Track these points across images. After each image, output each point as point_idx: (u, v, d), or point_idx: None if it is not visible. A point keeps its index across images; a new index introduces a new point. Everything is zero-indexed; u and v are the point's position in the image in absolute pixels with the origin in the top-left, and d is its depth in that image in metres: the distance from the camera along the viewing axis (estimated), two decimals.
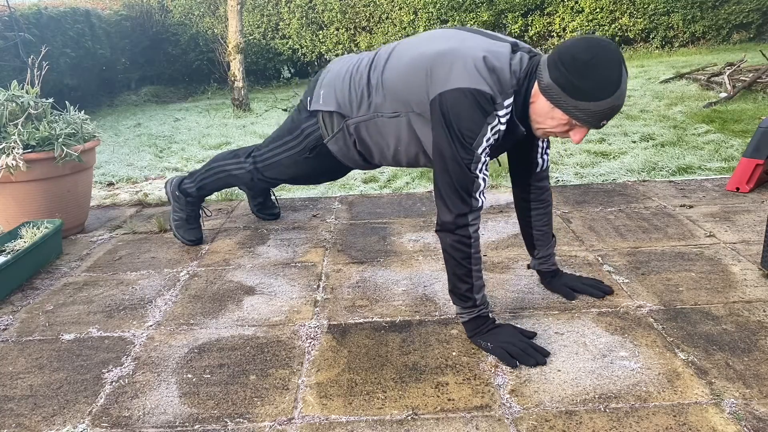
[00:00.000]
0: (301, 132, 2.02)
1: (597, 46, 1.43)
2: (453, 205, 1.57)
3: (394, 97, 1.72)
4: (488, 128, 1.53)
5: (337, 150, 1.97)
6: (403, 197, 3.05)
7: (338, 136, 1.92)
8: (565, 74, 1.44)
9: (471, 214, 1.58)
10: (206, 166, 2.39)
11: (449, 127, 1.53)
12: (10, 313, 1.99)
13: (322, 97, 1.92)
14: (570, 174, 3.40)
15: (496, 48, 1.57)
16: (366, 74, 1.80)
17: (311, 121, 1.98)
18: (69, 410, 1.47)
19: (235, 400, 1.48)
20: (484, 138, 1.53)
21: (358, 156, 1.96)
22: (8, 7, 5.72)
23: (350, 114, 1.85)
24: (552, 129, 1.56)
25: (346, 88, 1.85)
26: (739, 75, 5.63)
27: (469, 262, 1.60)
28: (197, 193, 2.42)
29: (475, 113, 1.51)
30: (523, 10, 8.79)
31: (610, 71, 1.42)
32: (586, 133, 1.54)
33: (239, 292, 2.06)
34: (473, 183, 1.55)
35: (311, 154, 2.03)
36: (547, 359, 1.57)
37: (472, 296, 1.63)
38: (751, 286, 1.92)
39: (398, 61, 1.72)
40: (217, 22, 8.90)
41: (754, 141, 2.77)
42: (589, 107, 1.44)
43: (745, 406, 1.37)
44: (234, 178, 2.31)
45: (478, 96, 1.51)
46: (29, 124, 2.53)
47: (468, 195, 1.56)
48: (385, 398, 1.46)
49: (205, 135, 5.26)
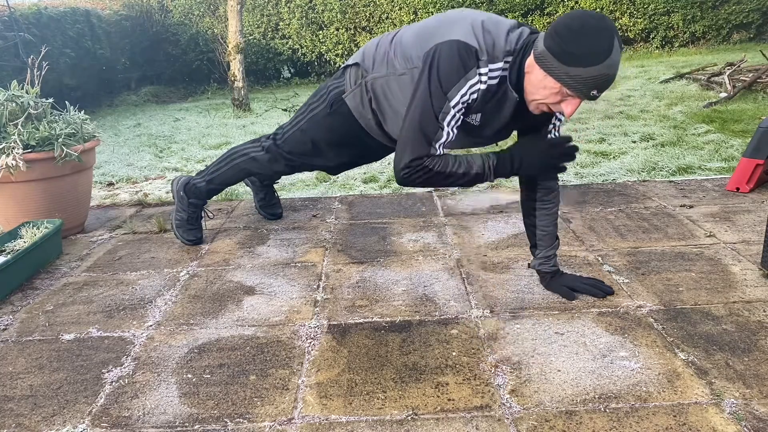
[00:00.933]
0: (326, 89, 2.09)
1: (590, 15, 1.49)
2: (412, 149, 1.63)
3: (403, 54, 1.80)
4: (466, 83, 1.59)
5: (354, 106, 2.01)
6: (403, 197, 3.05)
7: (356, 91, 1.97)
8: (557, 40, 1.48)
9: (427, 159, 1.64)
10: (224, 154, 2.41)
11: (430, 73, 1.61)
12: (10, 313, 1.99)
13: (353, 56, 2.02)
14: (570, 174, 3.40)
15: (500, 19, 1.68)
16: (390, 37, 1.91)
17: (339, 79, 2.06)
18: (69, 410, 1.47)
19: (235, 400, 1.48)
20: (459, 92, 1.59)
21: (371, 115, 1.99)
22: (8, 7, 5.72)
23: (370, 70, 1.92)
24: (544, 99, 1.59)
25: (374, 48, 1.95)
26: (739, 75, 5.63)
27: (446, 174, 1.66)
28: (206, 188, 2.42)
29: (455, 65, 1.58)
30: (523, 10, 8.79)
31: (600, 38, 1.46)
32: (578, 105, 1.56)
33: (239, 292, 2.06)
34: (437, 132, 1.61)
35: (331, 110, 2.06)
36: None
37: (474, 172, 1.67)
38: (751, 286, 1.92)
39: (416, 26, 1.84)
40: (217, 22, 8.90)
41: (754, 141, 2.77)
42: (579, 73, 1.47)
43: (745, 406, 1.37)
44: (250, 161, 2.32)
45: (462, 48, 1.58)
46: (29, 124, 2.53)
47: (428, 142, 1.62)
48: (385, 398, 1.46)
49: (205, 135, 5.26)
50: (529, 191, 1.90)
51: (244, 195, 3.20)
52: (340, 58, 9.02)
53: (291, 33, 9.10)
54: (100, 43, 7.46)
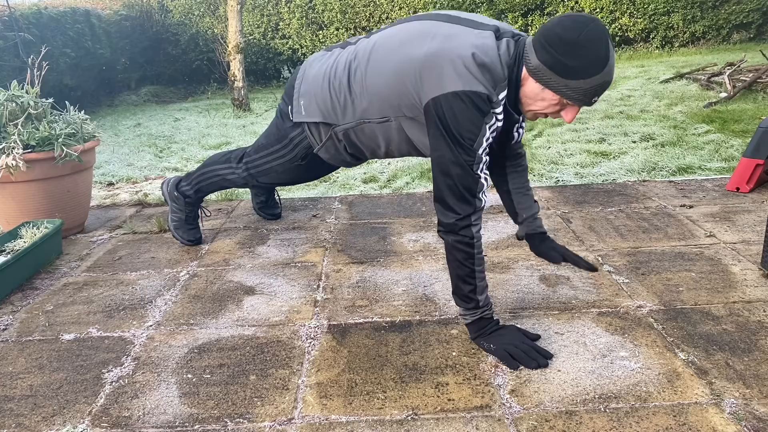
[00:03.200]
0: (290, 141, 2.02)
1: (582, 23, 1.42)
2: (457, 207, 1.56)
3: (381, 102, 1.71)
4: (487, 128, 1.53)
5: (329, 157, 1.99)
6: (403, 197, 3.05)
7: (328, 144, 1.93)
8: (553, 54, 1.43)
9: (474, 215, 1.58)
10: (200, 170, 2.38)
11: (447, 132, 1.52)
12: (10, 313, 1.99)
13: (304, 108, 1.91)
14: (570, 174, 3.40)
15: (482, 41, 1.54)
16: (346, 80, 1.77)
17: (297, 130, 1.98)
18: (69, 410, 1.47)
19: (235, 400, 1.48)
20: (484, 138, 1.53)
21: (350, 158, 1.98)
22: (8, 7, 5.72)
23: (336, 122, 1.85)
24: (543, 110, 1.56)
25: (327, 96, 1.83)
26: (739, 75, 5.63)
27: (473, 263, 1.59)
28: (195, 195, 2.42)
29: (473, 115, 1.50)
30: (523, 10, 8.79)
31: (597, 47, 1.42)
32: (578, 111, 1.54)
33: (239, 292, 2.06)
34: (477, 183, 1.55)
35: (303, 162, 2.06)
36: (549, 361, 1.57)
37: (476, 297, 1.62)
38: (751, 286, 1.92)
39: (382, 65, 1.68)
40: (217, 22, 8.90)
41: (754, 141, 2.77)
42: (579, 85, 1.44)
43: (745, 406, 1.37)
44: (229, 183, 2.32)
45: (474, 97, 1.50)
46: (29, 124, 2.53)
47: (472, 196, 1.56)
48: (385, 398, 1.46)
49: (205, 135, 5.26)
50: (497, 165, 1.86)
51: (244, 195, 3.20)
52: None
53: (291, 33, 9.10)
54: (100, 43, 7.46)
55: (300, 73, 1.96)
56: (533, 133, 4.50)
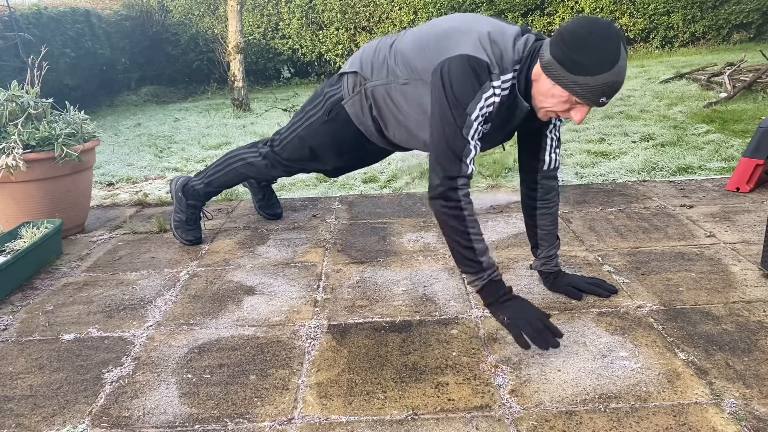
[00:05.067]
0: (323, 96, 2.08)
1: (596, 23, 1.48)
2: (443, 168, 1.60)
3: (406, 64, 1.79)
4: (482, 96, 1.57)
5: (353, 113, 2.00)
6: (403, 197, 3.05)
7: (356, 99, 1.96)
8: (564, 49, 1.47)
9: (460, 179, 1.60)
10: (221, 158, 2.42)
11: (445, 90, 1.59)
12: (10, 313, 1.99)
13: (350, 62, 2.01)
14: (570, 174, 3.40)
15: (503, 27, 1.66)
16: (389, 44, 1.89)
17: (335, 86, 2.05)
18: (69, 410, 1.47)
19: (235, 400, 1.48)
20: (477, 105, 1.57)
21: (371, 122, 1.98)
22: (8, 7, 5.72)
23: (369, 77, 1.91)
24: (553, 107, 1.58)
25: (371, 54, 1.93)
26: (739, 75, 5.63)
27: (465, 225, 1.60)
28: (204, 190, 2.43)
29: (470, 78, 1.57)
30: (523, 10, 8.79)
31: (607, 46, 1.45)
32: (587, 111, 1.56)
33: (239, 292, 2.06)
34: (464, 147, 1.59)
35: (329, 117, 2.06)
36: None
37: (477, 259, 1.61)
38: (751, 286, 1.92)
39: (416, 33, 1.82)
40: (217, 22, 8.90)
41: (754, 141, 2.77)
42: (587, 82, 1.46)
43: (745, 406, 1.37)
44: (248, 167, 2.33)
45: (474, 62, 1.57)
46: (29, 124, 2.53)
47: (458, 158, 1.59)
48: (385, 398, 1.46)
49: (205, 135, 5.26)
50: (529, 190, 1.89)
51: (244, 195, 3.20)
52: (340, 58, 9.02)
53: (291, 33, 9.10)
54: (100, 43, 7.46)
55: None
56: None
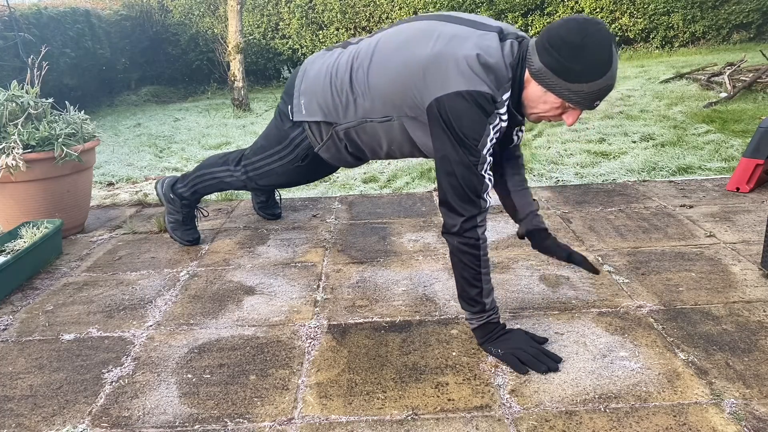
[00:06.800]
0: (290, 142, 2.00)
1: (586, 26, 1.40)
2: (462, 208, 1.55)
3: (383, 102, 1.70)
4: (491, 128, 1.52)
5: (329, 156, 1.98)
6: (403, 197, 3.05)
7: (329, 144, 1.92)
8: (556, 57, 1.42)
9: (480, 216, 1.57)
10: (197, 172, 2.35)
11: (451, 131, 1.51)
12: (10, 313, 1.99)
13: (304, 107, 1.90)
14: (570, 174, 3.40)
15: (486, 42, 1.53)
16: (347, 78, 1.76)
17: (297, 130, 1.96)
18: (69, 410, 1.47)
19: (235, 400, 1.48)
20: (488, 138, 1.52)
21: (351, 158, 1.97)
22: (8, 7, 5.72)
23: (337, 120, 1.83)
24: (545, 113, 1.55)
25: (328, 94, 1.81)
26: (739, 75, 5.63)
27: (478, 265, 1.58)
28: (192, 197, 2.41)
29: (476, 115, 1.49)
30: (523, 10, 8.79)
31: (601, 51, 1.40)
32: (580, 114, 1.53)
33: (239, 292, 2.06)
34: (482, 184, 1.55)
35: (304, 162, 2.04)
36: (559, 365, 1.55)
37: (482, 300, 1.60)
38: (751, 286, 1.92)
39: (385, 64, 1.67)
40: (217, 22, 8.90)
41: (754, 141, 2.77)
42: (582, 89, 1.43)
43: (745, 406, 1.37)
44: (227, 185, 2.30)
45: (478, 97, 1.48)
46: (29, 124, 2.53)
47: (477, 197, 1.55)
48: (385, 398, 1.46)
49: (205, 135, 5.26)
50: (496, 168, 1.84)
51: (244, 195, 3.20)
52: None
53: (291, 33, 9.10)
54: (100, 43, 7.46)
55: (300, 72, 1.95)
56: (533, 133, 4.51)
